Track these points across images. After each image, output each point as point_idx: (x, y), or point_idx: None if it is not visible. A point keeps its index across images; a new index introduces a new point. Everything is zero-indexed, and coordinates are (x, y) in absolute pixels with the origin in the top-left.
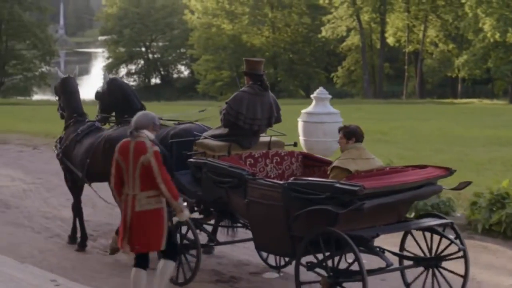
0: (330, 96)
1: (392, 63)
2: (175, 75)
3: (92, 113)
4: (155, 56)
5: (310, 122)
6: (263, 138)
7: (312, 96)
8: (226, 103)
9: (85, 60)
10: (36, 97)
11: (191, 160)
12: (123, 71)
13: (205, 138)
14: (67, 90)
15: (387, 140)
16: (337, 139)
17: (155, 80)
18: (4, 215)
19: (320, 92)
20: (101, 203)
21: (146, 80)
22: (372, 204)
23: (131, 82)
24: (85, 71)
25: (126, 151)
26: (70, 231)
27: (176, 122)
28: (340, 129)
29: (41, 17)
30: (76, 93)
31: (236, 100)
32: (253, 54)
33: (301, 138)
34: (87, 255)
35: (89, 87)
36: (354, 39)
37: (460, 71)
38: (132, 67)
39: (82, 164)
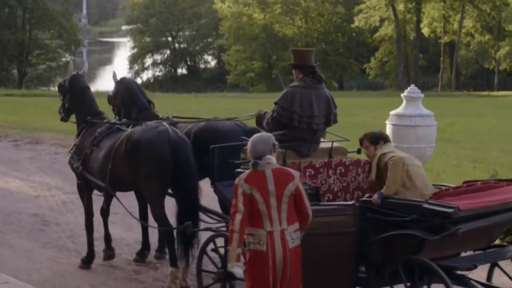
0: (422, 96)
1: (423, 53)
2: (201, 66)
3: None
4: (182, 46)
5: (401, 126)
6: (323, 144)
7: (402, 95)
8: (276, 103)
9: (108, 50)
10: None
11: (240, 170)
12: (148, 61)
13: None
14: (75, 89)
15: (447, 138)
16: (431, 145)
17: (181, 71)
18: (42, 235)
19: (411, 90)
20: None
21: (172, 71)
22: (468, 229)
23: (157, 72)
24: (108, 61)
25: (262, 182)
26: (127, 255)
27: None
28: (362, 139)
29: (65, 6)
30: (87, 91)
31: (287, 97)
32: (285, 45)
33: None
34: None
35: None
36: (387, 30)
37: (501, 62)
38: (158, 57)
39: (103, 171)
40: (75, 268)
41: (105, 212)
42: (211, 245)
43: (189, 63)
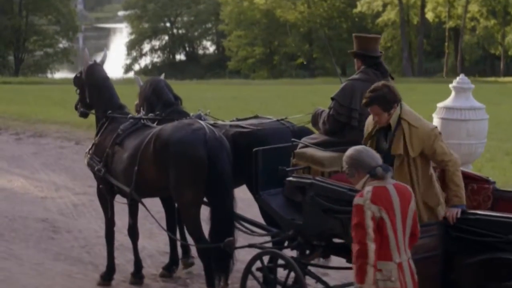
0: (472, 86)
1: (425, 39)
2: (200, 52)
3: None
4: (180, 31)
5: (450, 120)
6: None
7: (451, 86)
8: (333, 98)
9: (104, 36)
10: (58, 75)
11: (292, 179)
12: (146, 47)
13: (307, 146)
14: (94, 81)
15: None
16: (483, 141)
17: (180, 57)
18: (53, 244)
19: (461, 80)
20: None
21: (171, 57)
22: None
23: (155, 58)
24: (104, 47)
25: (388, 200)
26: (151, 268)
27: (234, 120)
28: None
29: None
30: (107, 82)
31: (346, 92)
32: (287, 30)
33: None
34: None
35: (109, 62)
36: (390, 14)
37: (509, 48)
38: (156, 43)
39: (128, 174)
40: (93, 285)
41: (133, 231)
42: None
43: (187, 49)
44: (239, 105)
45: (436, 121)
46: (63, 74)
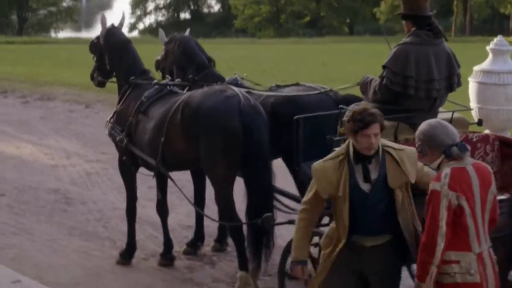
0: (511, 48)
1: None
2: (205, 10)
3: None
4: None
5: (487, 84)
6: (442, 114)
7: (488, 48)
8: (384, 66)
9: None
10: (61, 34)
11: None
12: (151, 5)
13: None
14: (114, 45)
15: None
16: None
17: (184, 15)
18: (66, 217)
19: (499, 42)
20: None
21: (175, 15)
22: None
23: (160, 17)
24: (107, 6)
25: (468, 184)
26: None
27: (273, 86)
28: None
29: None
30: (128, 45)
31: (399, 58)
32: None
33: (474, 105)
34: None
35: (113, 21)
36: None
37: None
38: (161, 1)
39: (154, 145)
40: (112, 264)
41: (163, 207)
42: None
43: (192, 7)
44: (249, 64)
45: (472, 85)
46: (66, 33)
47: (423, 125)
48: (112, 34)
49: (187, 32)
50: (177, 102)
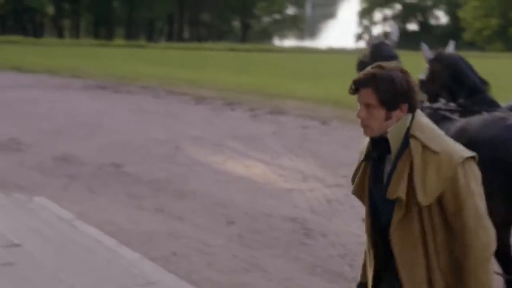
0: None
1: None
2: (432, 22)
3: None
4: (413, 0)
5: None
6: None
7: None
8: None
9: (332, 2)
10: (286, 42)
11: None
12: (378, 16)
13: None
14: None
15: None
16: None
17: (412, 27)
18: (305, 252)
19: None
20: None
21: (403, 27)
22: None
23: (387, 28)
24: (332, 15)
25: None
26: None
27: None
28: None
29: None
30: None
31: None
32: None
33: None
34: None
35: (336, 33)
36: None
37: None
38: (388, 12)
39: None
40: None
41: None
42: None
43: (419, 18)
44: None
45: None
46: (290, 41)
47: None
48: (379, 51)
49: (451, 47)
50: (451, 129)
